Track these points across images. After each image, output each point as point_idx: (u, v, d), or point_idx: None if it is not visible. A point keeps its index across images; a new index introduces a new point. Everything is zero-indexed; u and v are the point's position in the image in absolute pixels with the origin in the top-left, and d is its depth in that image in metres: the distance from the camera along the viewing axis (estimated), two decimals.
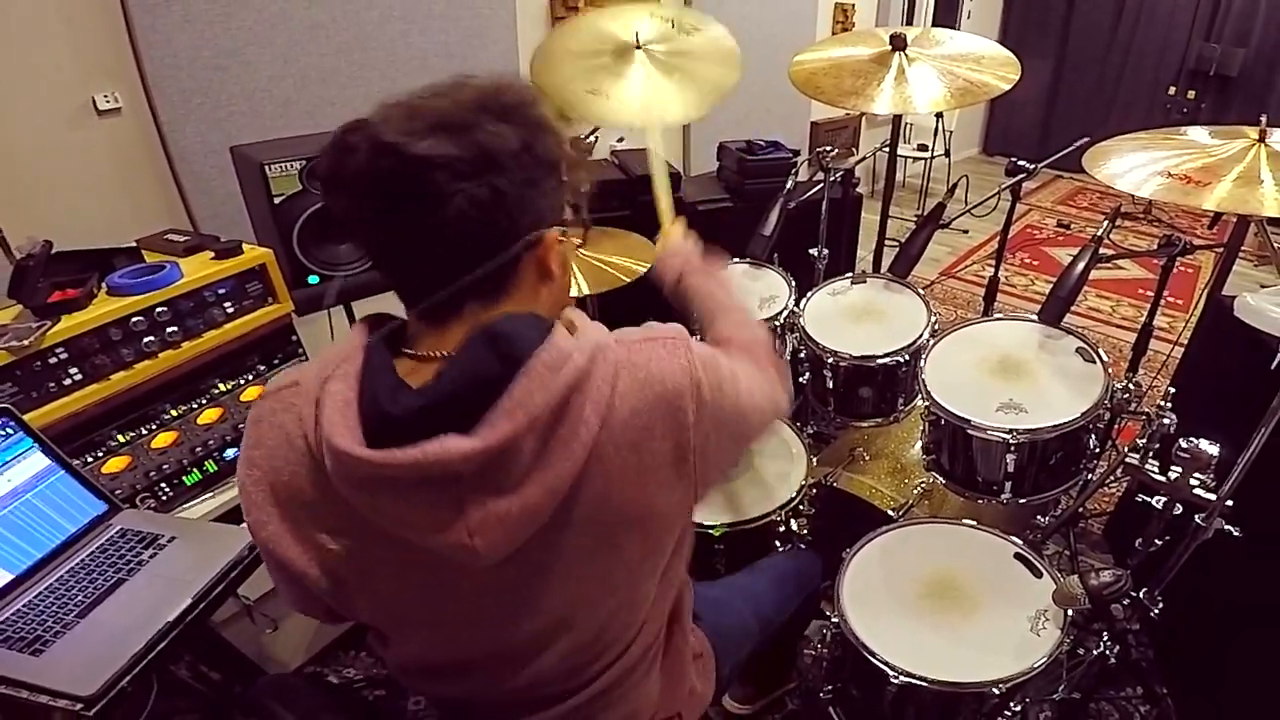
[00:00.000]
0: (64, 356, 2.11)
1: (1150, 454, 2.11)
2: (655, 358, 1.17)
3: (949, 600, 2.08)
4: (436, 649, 1.32)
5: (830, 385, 2.75)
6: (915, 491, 2.72)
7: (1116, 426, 2.49)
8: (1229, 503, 1.98)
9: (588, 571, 1.21)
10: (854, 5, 7.22)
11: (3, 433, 1.95)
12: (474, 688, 1.35)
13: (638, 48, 2.55)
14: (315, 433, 1.06)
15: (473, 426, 1.01)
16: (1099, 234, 2.52)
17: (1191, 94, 8.73)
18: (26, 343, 2.01)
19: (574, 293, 1.46)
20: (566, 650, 1.28)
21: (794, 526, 2.54)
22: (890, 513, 2.63)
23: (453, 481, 1.02)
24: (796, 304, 2.93)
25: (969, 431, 2.26)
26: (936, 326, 2.68)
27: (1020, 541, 2.20)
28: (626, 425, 1.11)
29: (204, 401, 2.44)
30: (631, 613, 1.35)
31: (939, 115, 7.61)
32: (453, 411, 1.01)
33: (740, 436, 1.35)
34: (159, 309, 2.28)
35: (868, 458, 2.93)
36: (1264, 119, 1.88)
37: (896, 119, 3.57)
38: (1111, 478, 2.63)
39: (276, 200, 2.60)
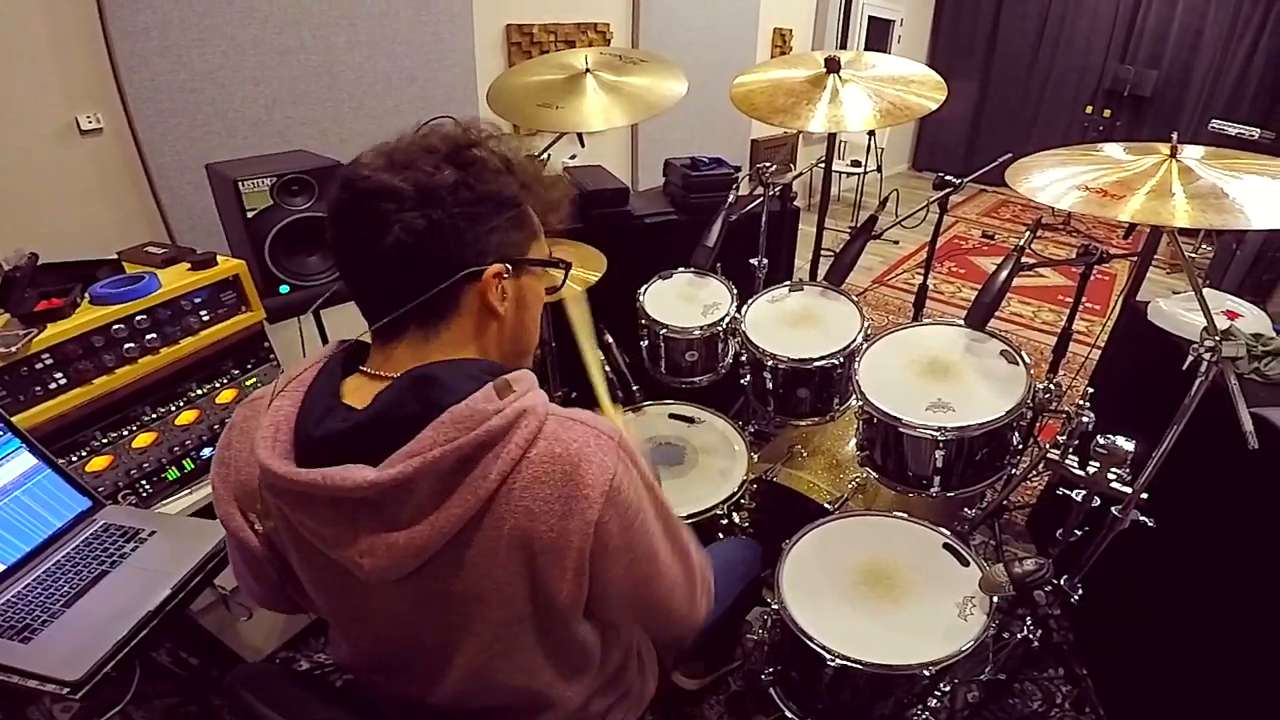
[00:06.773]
0: (49, 362, 2.10)
1: (1070, 450, 2.16)
2: (581, 441, 1.11)
3: (882, 588, 2.11)
4: (360, 645, 1.36)
5: (770, 386, 2.76)
6: (850, 486, 2.73)
7: (1038, 424, 2.51)
8: (1144, 495, 2.02)
9: (461, 611, 1.19)
10: (791, 30, 7.28)
11: None
12: (406, 689, 1.36)
13: (587, 71, 2.59)
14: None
15: (383, 459, 1.03)
16: (1021, 244, 2.56)
17: (1108, 112, 8.90)
18: (14, 349, 2.00)
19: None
20: (460, 674, 1.28)
21: (736, 519, 2.57)
22: (827, 506, 2.64)
23: (354, 505, 1.05)
24: (738, 311, 2.94)
25: (900, 429, 2.26)
26: (869, 331, 2.68)
27: (948, 532, 2.24)
28: (524, 491, 1.07)
29: (181, 404, 2.42)
30: (509, 660, 1.28)
31: (871, 133, 7.71)
32: (366, 442, 1.05)
33: (645, 581, 1.26)
34: (139, 317, 2.27)
35: (805, 454, 2.94)
36: (1175, 136, 1.90)
37: (831, 137, 3.59)
38: (1034, 472, 2.66)
39: (249, 214, 2.60)
